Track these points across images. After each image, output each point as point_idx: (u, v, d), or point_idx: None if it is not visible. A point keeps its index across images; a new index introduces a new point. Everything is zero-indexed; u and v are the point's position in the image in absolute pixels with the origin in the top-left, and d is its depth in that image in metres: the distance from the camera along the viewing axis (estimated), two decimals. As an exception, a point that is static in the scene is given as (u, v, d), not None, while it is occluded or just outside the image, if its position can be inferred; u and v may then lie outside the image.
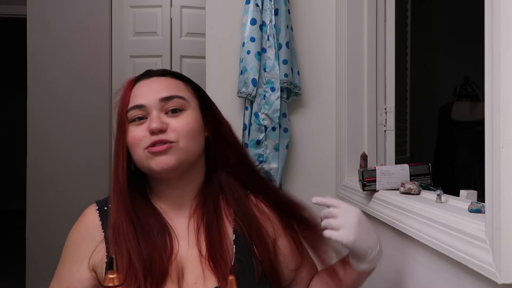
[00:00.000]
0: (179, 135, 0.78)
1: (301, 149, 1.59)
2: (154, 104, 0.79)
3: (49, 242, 2.69)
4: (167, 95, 0.80)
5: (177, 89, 0.82)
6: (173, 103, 0.80)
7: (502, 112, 0.54)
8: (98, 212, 0.86)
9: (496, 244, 0.56)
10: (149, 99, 0.80)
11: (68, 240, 0.87)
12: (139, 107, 0.80)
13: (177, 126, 0.79)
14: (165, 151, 0.77)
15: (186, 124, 0.79)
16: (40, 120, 2.74)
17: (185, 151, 0.79)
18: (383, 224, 1.03)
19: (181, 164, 0.79)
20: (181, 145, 0.78)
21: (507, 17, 0.54)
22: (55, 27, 2.75)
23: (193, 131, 0.80)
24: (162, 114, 0.80)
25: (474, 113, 2.98)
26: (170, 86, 0.82)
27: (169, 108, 0.80)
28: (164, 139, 0.77)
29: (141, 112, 0.80)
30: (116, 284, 0.55)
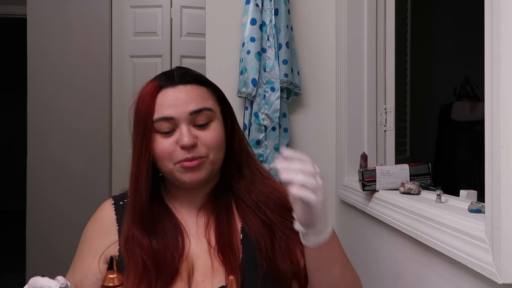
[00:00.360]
0: (209, 149, 0.80)
1: (301, 149, 1.59)
2: (183, 117, 0.79)
3: (49, 242, 2.69)
4: (197, 108, 0.79)
5: (204, 99, 0.82)
6: (202, 116, 0.80)
7: (502, 112, 0.54)
8: (114, 206, 0.88)
9: (496, 244, 0.56)
10: (178, 111, 0.79)
11: (83, 233, 0.89)
12: (167, 119, 0.79)
13: (207, 141, 0.80)
14: (198, 166, 0.79)
15: (214, 137, 0.81)
16: (40, 120, 2.74)
17: (214, 163, 0.82)
18: (383, 224, 1.03)
19: (209, 176, 0.82)
20: (211, 158, 0.81)
21: (507, 17, 0.54)
22: (55, 27, 2.75)
23: (220, 142, 0.82)
24: (191, 126, 0.80)
25: (474, 113, 2.98)
26: (198, 96, 0.81)
27: (198, 121, 0.80)
28: (196, 155, 0.79)
29: (169, 124, 0.79)
30: (116, 284, 0.55)
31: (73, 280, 0.82)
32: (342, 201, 1.48)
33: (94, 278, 0.81)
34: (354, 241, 1.34)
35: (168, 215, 0.85)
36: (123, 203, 0.87)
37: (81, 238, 0.88)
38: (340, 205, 1.51)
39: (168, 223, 0.83)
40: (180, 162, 0.79)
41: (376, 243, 1.12)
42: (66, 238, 2.69)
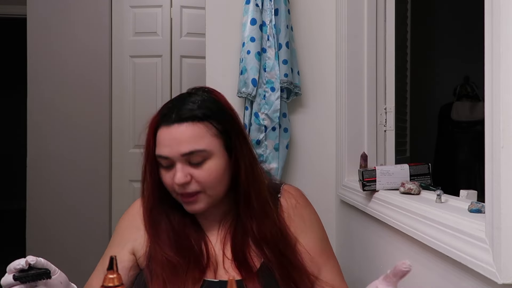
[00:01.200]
0: (204, 186, 0.85)
1: (301, 149, 1.59)
2: (177, 157, 0.84)
3: (49, 242, 2.69)
4: (188, 151, 0.83)
5: (198, 139, 0.84)
6: (195, 157, 0.83)
7: (502, 112, 0.54)
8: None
9: (496, 244, 0.56)
10: (172, 152, 0.84)
11: (116, 227, 0.98)
12: (164, 158, 0.85)
13: (200, 178, 0.84)
14: (195, 201, 0.86)
15: (209, 175, 0.84)
16: (40, 120, 2.74)
17: (212, 197, 0.87)
18: (383, 224, 1.03)
19: (209, 207, 0.88)
20: (209, 193, 0.86)
21: (507, 17, 0.54)
22: (55, 27, 2.75)
23: (216, 178, 0.86)
24: (186, 164, 0.84)
25: (474, 113, 2.98)
26: (191, 137, 0.83)
27: (192, 161, 0.84)
28: (190, 192, 0.85)
29: (167, 161, 0.85)
30: (116, 284, 0.55)
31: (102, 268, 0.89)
32: (342, 201, 1.48)
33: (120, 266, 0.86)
34: (354, 241, 1.34)
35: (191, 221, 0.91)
36: None
37: (114, 233, 0.97)
38: (340, 205, 1.51)
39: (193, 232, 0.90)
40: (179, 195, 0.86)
41: (376, 243, 1.12)
42: (66, 237, 2.70)
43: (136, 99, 2.77)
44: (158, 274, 0.84)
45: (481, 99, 3.01)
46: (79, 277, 1.02)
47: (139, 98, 2.76)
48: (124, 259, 0.89)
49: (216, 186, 0.86)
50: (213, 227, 0.94)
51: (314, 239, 0.94)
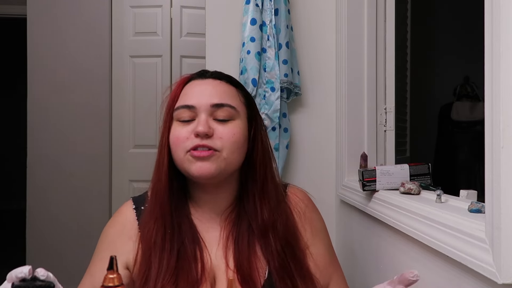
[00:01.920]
0: (224, 144, 0.78)
1: (301, 149, 1.59)
2: (204, 107, 0.79)
3: (49, 242, 2.69)
4: (219, 102, 0.79)
5: (230, 96, 0.82)
6: (224, 111, 0.79)
7: (502, 112, 0.54)
8: (135, 211, 0.86)
9: (496, 244, 0.56)
10: (201, 101, 0.79)
11: (103, 235, 0.87)
12: (188, 107, 0.79)
13: (224, 134, 0.78)
14: (208, 158, 0.77)
15: (233, 134, 0.79)
16: (39, 120, 2.74)
17: (227, 161, 0.79)
18: (383, 224, 1.03)
19: (220, 173, 0.79)
20: (225, 155, 0.78)
21: (507, 17, 0.54)
22: (55, 27, 2.75)
23: (238, 141, 0.80)
24: (211, 119, 0.79)
25: (474, 113, 2.98)
26: (224, 92, 0.81)
27: (219, 116, 0.79)
28: (209, 145, 0.77)
29: (189, 112, 0.79)
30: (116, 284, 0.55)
31: (91, 283, 0.81)
32: (342, 201, 1.48)
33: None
34: (354, 241, 1.34)
35: (189, 223, 0.83)
36: (144, 208, 0.85)
37: (100, 240, 0.86)
38: (340, 205, 1.51)
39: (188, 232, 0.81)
40: (190, 151, 0.77)
41: (376, 243, 1.12)
42: (66, 237, 2.70)
43: (136, 99, 2.77)
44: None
45: (481, 99, 3.01)
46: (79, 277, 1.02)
47: (139, 98, 2.76)
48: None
49: (235, 150, 0.79)
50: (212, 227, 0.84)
51: (324, 248, 0.90)
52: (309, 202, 0.93)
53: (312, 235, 0.89)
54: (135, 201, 0.88)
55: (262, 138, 0.86)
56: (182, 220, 0.82)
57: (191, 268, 0.77)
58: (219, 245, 0.82)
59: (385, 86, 1.46)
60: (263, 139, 0.86)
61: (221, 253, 0.82)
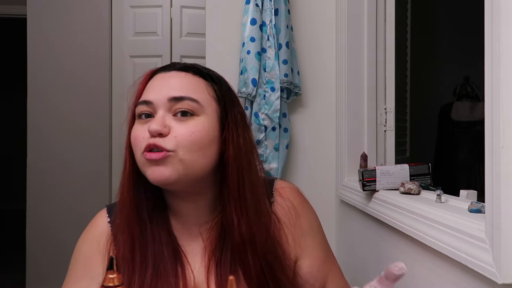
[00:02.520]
0: (179, 144, 0.68)
1: (301, 149, 1.59)
2: (162, 102, 0.70)
3: (49, 242, 2.69)
4: (178, 95, 0.70)
5: (194, 89, 0.72)
6: (183, 105, 0.70)
7: (502, 112, 0.54)
8: (110, 225, 0.78)
9: (496, 244, 0.56)
10: (158, 96, 0.70)
11: (76, 251, 0.79)
12: (146, 103, 0.71)
13: (179, 134, 0.68)
14: (161, 161, 0.67)
15: (191, 133, 0.68)
16: (40, 120, 2.74)
17: (185, 164, 0.68)
18: (383, 224, 1.03)
19: (179, 178, 0.68)
20: (180, 156, 0.68)
21: (507, 17, 0.54)
22: (55, 27, 2.75)
23: (199, 141, 0.69)
24: (169, 115, 0.70)
25: (474, 113, 2.98)
26: (187, 84, 0.72)
27: (177, 110, 0.70)
28: (160, 145, 0.67)
29: (148, 108, 0.71)
30: (116, 284, 0.54)
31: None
32: (342, 201, 1.48)
33: None
34: (354, 241, 1.34)
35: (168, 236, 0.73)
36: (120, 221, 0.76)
37: (74, 256, 0.78)
38: (340, 205, 1.51)
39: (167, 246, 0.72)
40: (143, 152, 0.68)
41: (376, 243, 1.12)
42: (66, 238, 2.69)
43: (136, 99, 2.76)
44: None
45: (481, 99, 3.01)
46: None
47: (139, 98, 2.76)
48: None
49: (194, 151, 0.68)
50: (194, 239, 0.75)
51: (317, 247, 0.83)
52: (298, 198, 0.83)
53: (302, 235, 0.81)
54: (110, 212, 0.79)
55: (235, 138, 0.73)
56: (160, 231, 0.73)
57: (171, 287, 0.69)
58: (203, 259, 0.74)
59: (385, 86, 1.46)
60: (236, 140, 0.73)
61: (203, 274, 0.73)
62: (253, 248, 0.71)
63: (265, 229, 0.74)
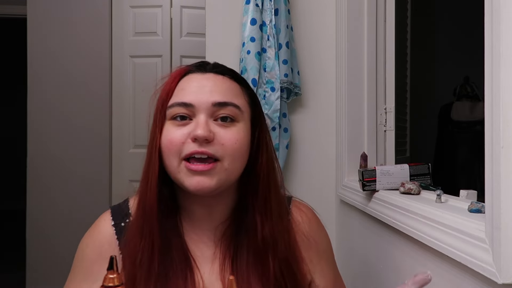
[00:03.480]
0: (226, 152, 0.66)
1: (301, 149, 1.59)
2: (205, 106, 0.67)
3: (49, 242, 2.69)
4: (222, 101, 0.68)
5: (234, 94, 0.70)
6: (227, 111, 0.68)
7: (502, 112, 0.54)
8: (114, 228, 0.75)
9: (496, 244, 0.56)
10: (201, 99, 0.67)
11: (79, 253, 0.76)
12: (185, 105, 0.67)
13: (226, 140, 0.67)
14: (210, 171, 0.66)
15: (236, 140, 0.67)
16: (40, 120, 2.74)
17: (228, 172, 0.67)
18: (383, 224, 1.03)
19: (220, 186, 0.68)
20: (226, 165, 0.67)
21: (507, 17, 0.54)
22: (55, 27, 2.75)
23: (241, 149, 0.68)
24: (211, 120, 0.68)
25: (474, 113, 2.98)
26: (228, 89, 0.70)
27: (220, 115, 0.68)
28: (209, 152, 0.65)
29: (186, 111, 0.68)
30: (116, 284, 0.54)
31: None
32: (342, 201, 1.48)
33: None
34: (354, 241, 1.34)
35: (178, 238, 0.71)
36: (124, 224, 0.74)
37: (77, 258, 0.76)
38: (340, 205, 1.51)
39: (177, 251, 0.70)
40: (186, 160, 0.66)
41: (376, 243, 1.12)
42: (66, 238, 2.70)
43: (136, 99, 2.77)
44: None
45: (481, 99, 3.01)
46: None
47: (139, 98, 2.76)
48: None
49: (237, 159, 0.68)
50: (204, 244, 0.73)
51: (328, 269, 0.82)
52: (315, 219, 0.83)
53: (318, 256, 0.80)
54: (114, 214, 0.77)
55: (268, 144, 0.74)
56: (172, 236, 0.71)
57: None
58: (213, 265, 0.72)
59: (385, 86, 1.46)
60: (268, 145, 0.74)
61: (216, 273, 0.71)
62: (274, 250, 0.70)
63: (287, 232, 0.73)
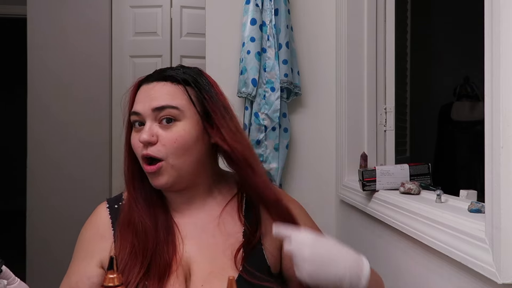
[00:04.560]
0: (168, 151, 0.78)
1: (301, 149, 1.59)
2: (148, 113, 0.79)
3: (49, 242, 2.69)
4: (160, 105, 0.79)
5: (173, 97, 0.80)
6: (165, 112, 0.79)
7: (502, 112, 0.54)
8: (108, 210, 0.87)
9: (496, 244, 0.56)
10: (144, 107, 0.80)
11: (79, 238, 0.88)
12: (136, 113, 0.81)
13: (166, 141, 0.78)
14: (157, 171, 0.79)
15: (175, 139, 0.78)
16: (40, 120, 2.74)
17: (176, 168, 0.79)
18: (383, 224, 1.03)
19: (175, 181, 0.80)
20: (171, 162, 0.78)
21: (507, 17, 0.54)
22: (55, 27, 2.75)
23: (183, 145, 0.79)
24: (155, 124, 0.79)
25: (474, 113, 2.98)
26: (167, 93, 0.80)
27: (161, 118, 0.79)
28: (152, 154, 0.78)
29: (139, 118, 0.81)
30: (116, 284, 0.55)
31: (68, 285, 0.82)
32: (342, 201, 1.48)
33: (89, 282, 0.81)
34: (354, 241, 1.34)
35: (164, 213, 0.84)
36: (118, 206, 0.87)
37: (77, 243, 0.87)
38: (340, 205, 1.51)
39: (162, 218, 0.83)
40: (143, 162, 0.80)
41: (376, 243, 1.12)
42: (66, 238, 2.69)
43: (136, 99, 2.76)
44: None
45: (481, 99, 3.01)
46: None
47: (139, 98, 2.76)
48: (93, 275, 0.81)
49: (181, 155, 0.79)
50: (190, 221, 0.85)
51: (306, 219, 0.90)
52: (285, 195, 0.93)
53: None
54: (109, 201, 0.90)
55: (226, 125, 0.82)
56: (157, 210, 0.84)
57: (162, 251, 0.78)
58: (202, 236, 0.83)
59: (385, 86, 1.46)
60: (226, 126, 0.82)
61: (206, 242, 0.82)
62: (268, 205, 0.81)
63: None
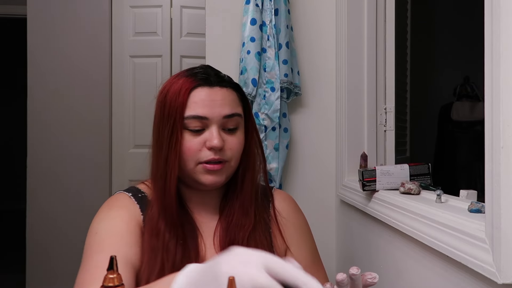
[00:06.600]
0: (233, 155, 0.82)
1: (301, 149, 1.59)
2: (217, 119, 0.80)
3: (49, 242, 2.69)
4: (231, 113, 0.81)
5: (237, 104, 0.84)
6: (234, 121, 0.82)
7: (502, 112, 0.54)
8: (133, 198, 0.84)
9: (496, 244, 0.56)
10: (213, 113, 0.80)
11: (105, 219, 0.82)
12: (201, 118, 0.80)
13: (233, 146, 0.82)
14: (221, 170, 0.81)
15: (239, 144, 0.83)
16: (40, 120, 2.74)
17: (232, 169, 0.84)
18: (383, 224, 1.03)
19: (227, 180, 0.85)
20: (232, 164, 0.83)
21: (507, 17, 0.54)
22: (55, 27, 2.75)
23: (241, 148, 0.85)
24: (220, 129, 0.82)
25: (474, 113, 2.98)
26: (232, 101, 0.83)
27: (229, 126, 0.82)
28: (222, 158, 0.81)
29: (201, 124, 0.80)
30: (116, 284, 0.54)
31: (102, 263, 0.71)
32: (342, 201, 1.48)
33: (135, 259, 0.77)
34: (354, 241, 1.34)
35: (187, 217, 0.85)
36: (141, 196, 0.85)
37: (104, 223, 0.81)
38: (340, 205, 1.51)
39: (188, 225, 0.83)
40: (203, 163, 0.80)
41: (376, 243, 1.12)
42: (66, 238, 2.70)
43: (136, 99, 2.77)
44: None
45: (481, 99, 3.01)
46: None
47: (139, 98, 2.76)
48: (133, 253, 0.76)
49: (238, 158, 0.85)
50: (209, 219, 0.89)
51: (306, 249, 0.94)
52: (293, 202, 0.98)
53: (294, 230, 0.93)
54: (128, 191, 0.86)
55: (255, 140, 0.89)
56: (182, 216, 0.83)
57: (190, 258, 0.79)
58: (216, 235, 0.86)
59: (385, 86, 1.46)
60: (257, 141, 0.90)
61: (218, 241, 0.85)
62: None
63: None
